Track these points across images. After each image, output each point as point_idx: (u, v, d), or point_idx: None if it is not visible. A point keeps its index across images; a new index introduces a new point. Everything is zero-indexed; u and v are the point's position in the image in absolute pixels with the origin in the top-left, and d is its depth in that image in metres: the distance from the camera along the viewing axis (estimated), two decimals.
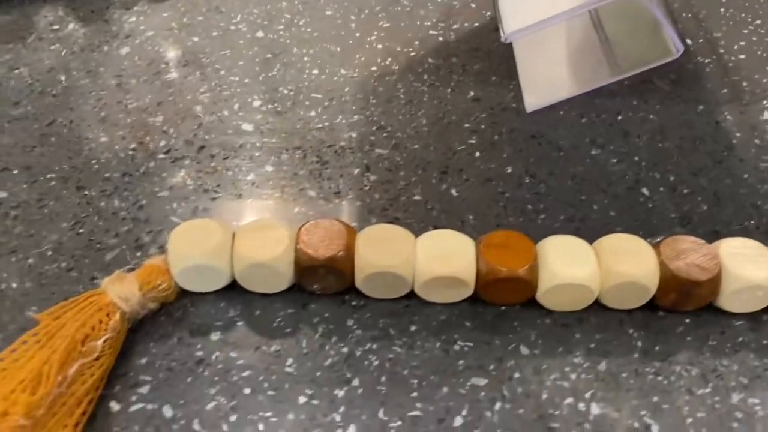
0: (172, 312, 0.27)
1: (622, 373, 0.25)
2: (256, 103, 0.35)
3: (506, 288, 0.26)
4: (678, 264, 0.26)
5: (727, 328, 0.27)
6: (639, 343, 0.26)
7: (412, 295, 0.27)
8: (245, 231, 0.26)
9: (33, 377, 0.22)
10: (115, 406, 0.24)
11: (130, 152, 0.33)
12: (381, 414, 0.24)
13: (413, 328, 0.26)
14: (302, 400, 0.24)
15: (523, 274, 0.25)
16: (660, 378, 0.25)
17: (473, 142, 0.34)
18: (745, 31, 0.40)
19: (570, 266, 0.26)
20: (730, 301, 0.26)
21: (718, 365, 0.25)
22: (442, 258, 0.26)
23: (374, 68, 0.37)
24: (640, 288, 0.26)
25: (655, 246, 0.26)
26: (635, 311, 0.27)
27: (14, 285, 0.27)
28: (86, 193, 0.31)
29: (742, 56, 0.39)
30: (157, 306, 0.26)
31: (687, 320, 0.27)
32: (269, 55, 0.38)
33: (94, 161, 0.32)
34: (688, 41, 0.39)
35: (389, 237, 0.26)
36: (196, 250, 0.26)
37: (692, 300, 0.26)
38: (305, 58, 0.38)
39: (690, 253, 0.26)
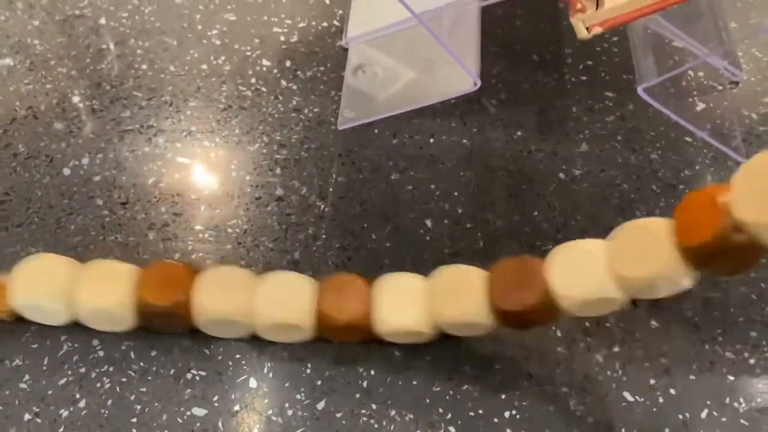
0: None
1: (337, 413, 0.26)
2: (75, 99, 0.36)
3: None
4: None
5: (455, 374, 0.28)
6: (365, 383, 0.27)
7: None
8: (87, 273, 0.27)
9: None
10: None
11: None
12: None
13: (153, 353, 0.28)
14: (27, 417, 0.26)
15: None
16: (372, 421, 0.26)
17: (279, 157, 0.34)
18: (598, 48, 0.39)
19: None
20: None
21: (434, 413, 0.27)
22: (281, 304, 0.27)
23: (204, 66, 0.37)
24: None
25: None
26: (372, 346, 0.28)
27: None
28: None
29: (584, 77, 0.38)
30: None
31: (423, 361, 0.28)
32: (103, 46, 0.38)
33: None
34: (535, 57, 0.39)
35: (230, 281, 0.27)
36: (33, 290, 0.27)
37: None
38: (138, 51, 0.38)
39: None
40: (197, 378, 0.27)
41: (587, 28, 0.27)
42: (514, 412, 0.27)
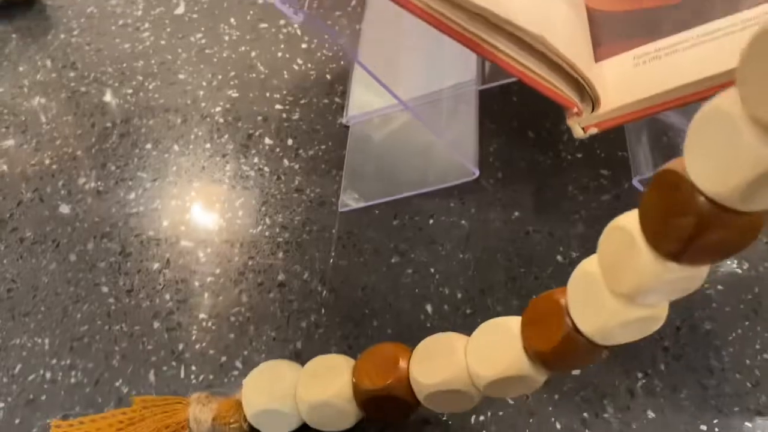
0: None
1: None
2: (81, 180, 0.36)
3: None
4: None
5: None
6: None
7: None
8: (305, 372, 0.27)
9: None
10: None
11: None
12: None
13: None
14: None
15: None
16: None
17: (281, 240, 0.35)
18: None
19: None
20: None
21: None
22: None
23: (208, 146, 0.38)
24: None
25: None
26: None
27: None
28: None
29: (579, 155, 0.39)
30: None
31: None
32: (108, 124, 0.39)
33: None
34: (531, 134, 0.40)
35: (439, 351, 0.26)
36: (265, 396, 0.27)
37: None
38: (143, 130, 0.38)
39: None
40: None
41: (583, 129, 0.28)
42: None
